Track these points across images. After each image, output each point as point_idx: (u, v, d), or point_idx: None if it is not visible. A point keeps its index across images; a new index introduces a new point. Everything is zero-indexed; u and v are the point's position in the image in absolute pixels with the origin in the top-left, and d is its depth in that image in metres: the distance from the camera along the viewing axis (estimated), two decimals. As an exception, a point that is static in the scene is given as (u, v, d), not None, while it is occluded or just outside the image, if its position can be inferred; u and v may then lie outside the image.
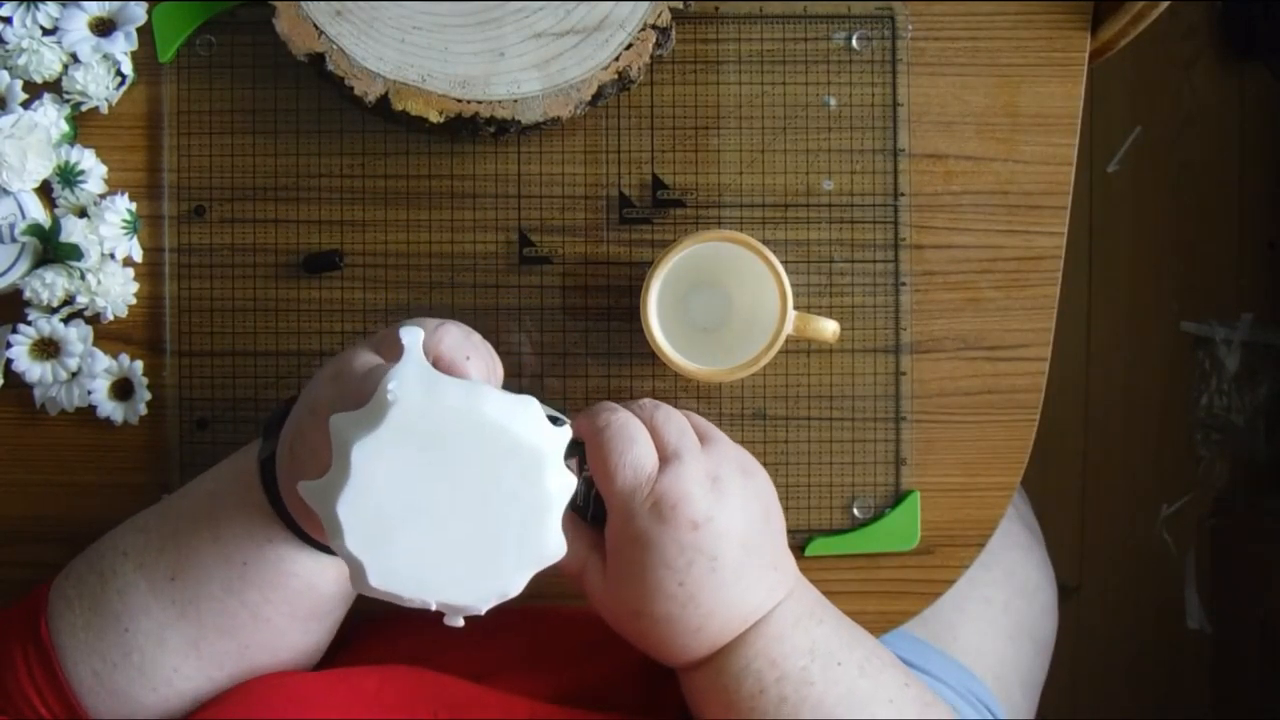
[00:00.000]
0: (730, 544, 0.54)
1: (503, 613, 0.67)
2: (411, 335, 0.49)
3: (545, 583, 0.68)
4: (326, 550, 0.55)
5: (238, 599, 0.55)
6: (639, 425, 0.55)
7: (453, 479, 0.48)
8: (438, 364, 0.51)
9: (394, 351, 0.49)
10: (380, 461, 0.47)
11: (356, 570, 0.48)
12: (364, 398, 0.48)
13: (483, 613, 0.49)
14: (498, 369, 0.56)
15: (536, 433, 0.48)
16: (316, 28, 0.63)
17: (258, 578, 0.55)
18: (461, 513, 0.48)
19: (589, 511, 0.57)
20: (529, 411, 0.49)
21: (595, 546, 0.57)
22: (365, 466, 0.47)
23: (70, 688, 0.55)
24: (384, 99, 0.63)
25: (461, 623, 0.50)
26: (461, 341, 0.53)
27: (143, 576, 0.56)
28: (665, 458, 0.54)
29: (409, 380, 0.48)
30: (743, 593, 0.55)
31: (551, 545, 0.49)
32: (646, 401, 0.57)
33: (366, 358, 0.52)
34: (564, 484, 0.49)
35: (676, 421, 0.56)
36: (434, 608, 0.49)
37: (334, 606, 0.59)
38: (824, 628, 0.57)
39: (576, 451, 0.56)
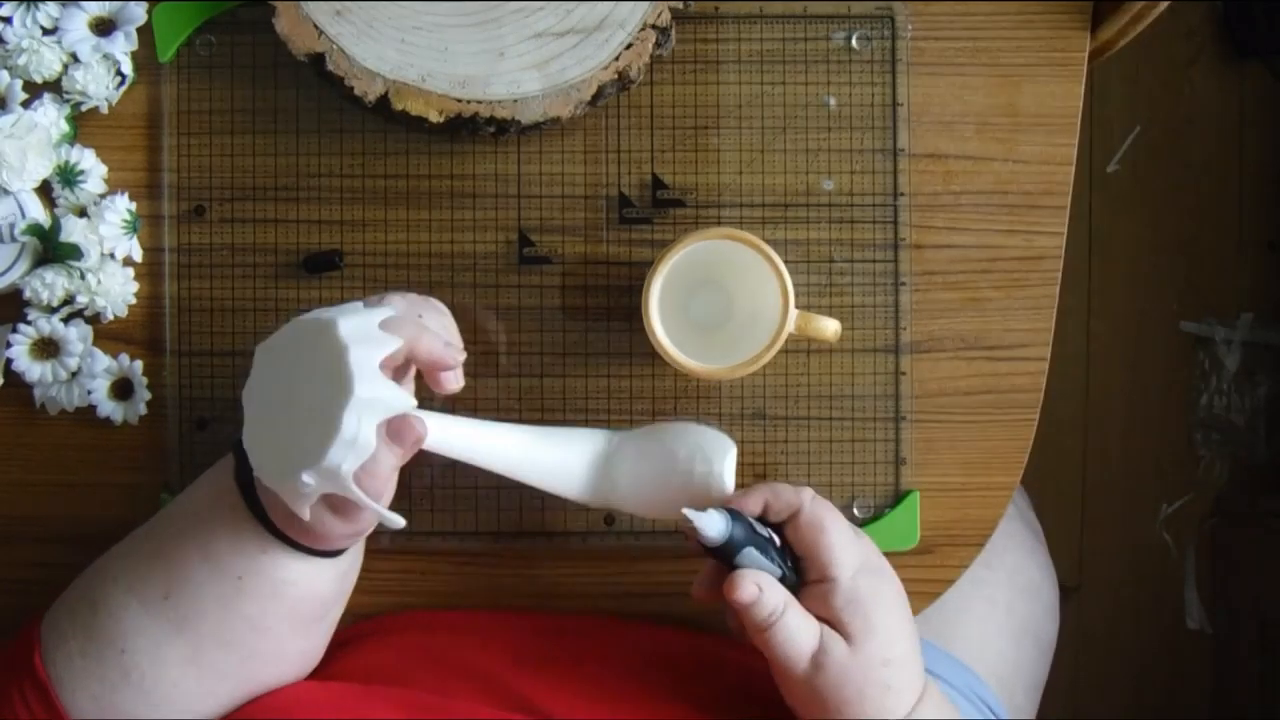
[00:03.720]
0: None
1: (509, 611, 0.68)
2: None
3: (550, 584, 0.69)
4: (320, 554, 0.56)
5: (235, 613, 0.55)
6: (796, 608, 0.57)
7: (293, 377, 0.53)
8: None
9: None
10: (256, 382, 0.54)
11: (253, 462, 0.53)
12: None
13: (343, 469, 0.50)
14: (452, 330, 0.59)
15: (334, 309, 0.53)
16: (316, 28, 0.63)
17: (255, 590, 0.55)
18: (302, 400, 0.52)
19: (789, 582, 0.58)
20: (342, 305, 0.54)
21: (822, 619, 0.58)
22: (251, 392, 0.54)
23: (69, 718, 0.55)
24: (384, 99, 0.63)
25: (401, 522, 0.52)
26: (416, 304, 0.57)
27: (135, 598, 0.55)
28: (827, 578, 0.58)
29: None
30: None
31: (365, 381, 0.51)
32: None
33: None
34: (356, 326, 0.52)
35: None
36: (305, 478, 0.50)
37: (332, 606, 0.59)
38: None
39: (771, 550, 0.58)
